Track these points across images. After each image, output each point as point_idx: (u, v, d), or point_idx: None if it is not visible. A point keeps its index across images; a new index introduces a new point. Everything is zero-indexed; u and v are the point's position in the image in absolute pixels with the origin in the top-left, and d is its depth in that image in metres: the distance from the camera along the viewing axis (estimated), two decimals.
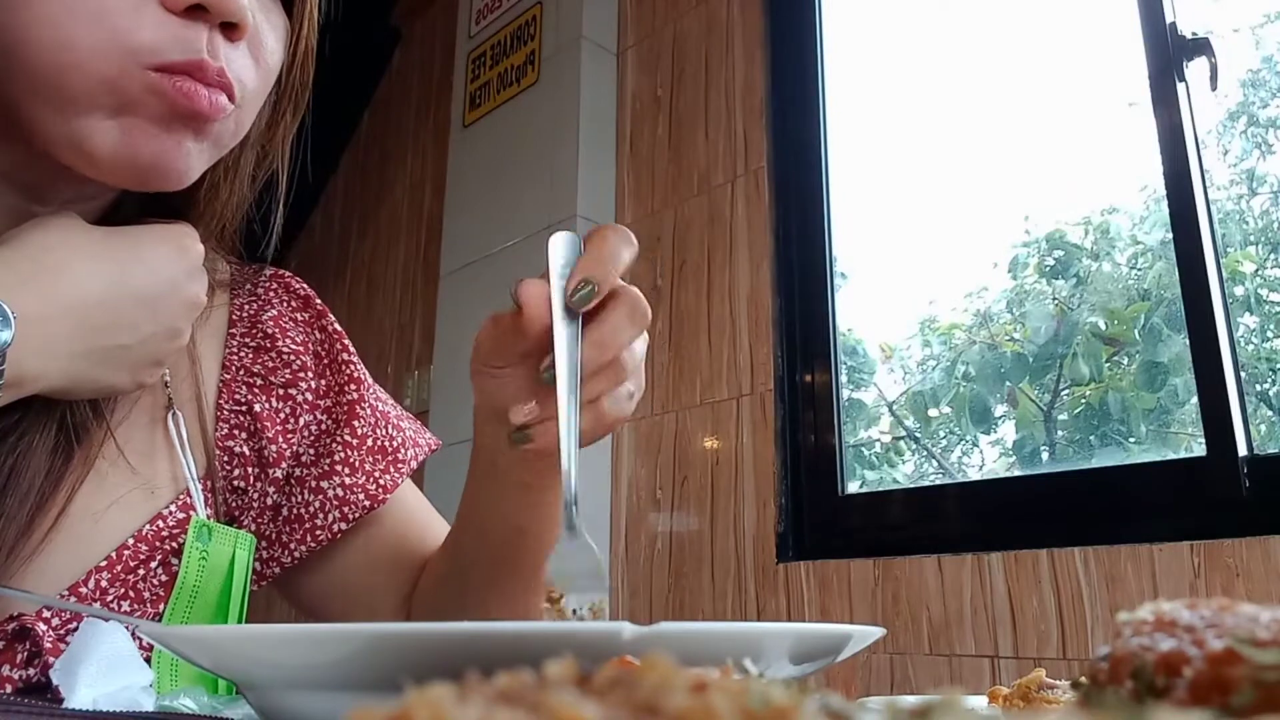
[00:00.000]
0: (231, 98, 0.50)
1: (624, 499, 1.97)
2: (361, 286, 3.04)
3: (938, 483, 2.05)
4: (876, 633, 0.34)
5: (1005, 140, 1.96)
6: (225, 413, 0.61)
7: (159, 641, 0.35)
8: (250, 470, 0.61)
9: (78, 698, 0.41)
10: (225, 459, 0.60)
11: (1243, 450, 1.29)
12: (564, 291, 0.47)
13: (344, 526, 0.63)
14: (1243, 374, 1.35)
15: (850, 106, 1.99)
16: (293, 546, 0.63)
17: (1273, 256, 1.83)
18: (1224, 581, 1.21)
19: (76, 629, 0.46)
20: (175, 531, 0.55)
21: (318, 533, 0.63)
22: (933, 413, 2.14)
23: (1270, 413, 1.72)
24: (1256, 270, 1.83)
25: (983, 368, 2.05)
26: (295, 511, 0.63)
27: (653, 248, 2.08)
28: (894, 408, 2.19)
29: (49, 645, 0.47)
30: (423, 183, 2.85)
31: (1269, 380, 1.72)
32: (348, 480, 0.64)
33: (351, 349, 0.69)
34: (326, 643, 0.28)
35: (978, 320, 2.12)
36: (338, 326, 0.69)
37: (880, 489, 1.99)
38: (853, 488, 1.81)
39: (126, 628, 0.45)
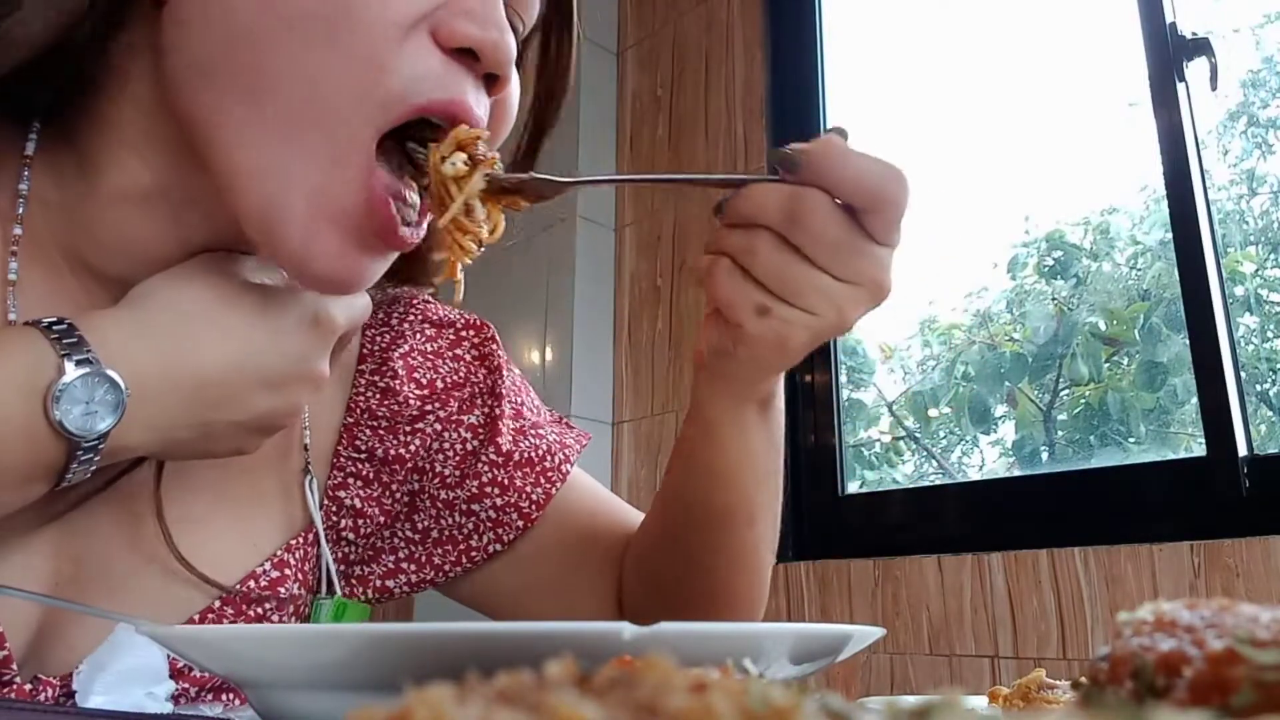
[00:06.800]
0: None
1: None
2: None
3: (938, 483, 2.05)
4: (876, 633, 0.34)
5: (1005, 140, 1.96)
6: (342, 460, 0.59)
7: (159, 641, 0.35)
8: (359, 522, 0.60)
9: (89, 704, 0.41)
10: (333, 509, 0.59)
11: (1243, 450, 1.29)
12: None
13: (499, 548, 0.62)
14: (1243, 374, 1.34)
15: (850, 106, 1.99)
16: (446, 568, 0.62)
17: (1273, 256, 1.83)
18: (1224, 581, 1.21)
19: None
20: (264, 595, 0.53)
21: (473, 553, 0.62)
22: (932, 413, 2.14)
23: (1270, 413, 1.72)
24: (1256, 270, 1.83)
25: (982, 368, 2.05)
26: (448, 534, 0.62)
27: (653, 248, 2.08)
28: (894, 408, 2.19)
29: None
30: None
31: (1269, 380, 1.72)
32: (499, 501, 0.62)
33: (506, 361, 0.66)
34: (327, 643, 0.28)
35: (977, 320, 2.12)
36: (497, 341, 0.67)
37: (880, 489, 1.99)
38: (853, 488, 1.81)
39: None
